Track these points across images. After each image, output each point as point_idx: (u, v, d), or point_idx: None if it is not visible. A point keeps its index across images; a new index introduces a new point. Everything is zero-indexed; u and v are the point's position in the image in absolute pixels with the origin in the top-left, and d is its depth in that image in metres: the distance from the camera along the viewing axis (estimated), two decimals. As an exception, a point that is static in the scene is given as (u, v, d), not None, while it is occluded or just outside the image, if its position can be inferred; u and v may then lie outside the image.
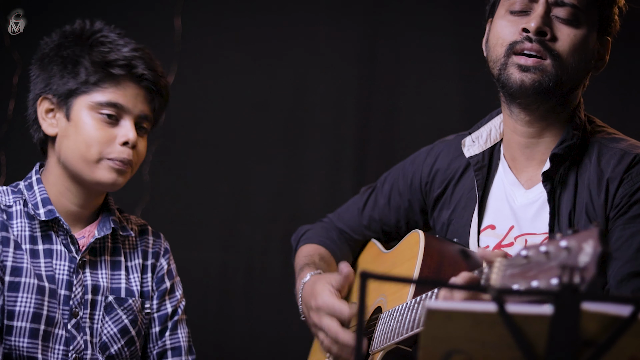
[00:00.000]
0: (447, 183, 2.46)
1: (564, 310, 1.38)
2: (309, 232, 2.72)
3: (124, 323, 2.40)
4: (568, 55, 2.20)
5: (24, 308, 2.30)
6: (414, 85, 3.93)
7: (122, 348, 2.40)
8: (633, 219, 2.15)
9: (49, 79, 2.38)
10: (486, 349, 1.43)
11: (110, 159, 2.35)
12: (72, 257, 2.37)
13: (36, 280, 2.31)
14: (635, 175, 2.17)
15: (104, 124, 2.35)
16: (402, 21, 3.91)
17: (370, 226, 2.63)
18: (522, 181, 2.31)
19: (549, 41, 2.19)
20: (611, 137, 2.27)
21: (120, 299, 2.41)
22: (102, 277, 2.40)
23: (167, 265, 2.51)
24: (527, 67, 2.19)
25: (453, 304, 1.42)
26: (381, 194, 2.61)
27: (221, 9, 3.94)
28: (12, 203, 2.38)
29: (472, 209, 2.36)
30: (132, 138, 2.35)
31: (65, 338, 2.34)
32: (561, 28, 2.20)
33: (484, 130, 2.41)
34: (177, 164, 3.93)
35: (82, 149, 2.35)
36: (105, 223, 2.42)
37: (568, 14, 2.20)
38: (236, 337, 3.90)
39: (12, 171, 3.69)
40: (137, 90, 2.39)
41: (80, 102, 2.36)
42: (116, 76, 2.35)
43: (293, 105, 3.95)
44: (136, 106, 2.38)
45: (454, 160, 2.44)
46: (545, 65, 2.19)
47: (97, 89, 2.35)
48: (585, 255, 1.47)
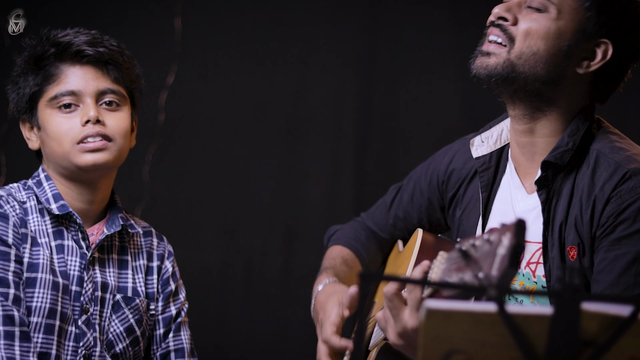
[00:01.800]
0: (460, 183, 2.43)
1: (564, 310, 1.38)
2: (338, 232, 2.69)
3: (130, 322, 2.41)
4: (524, 38, 2.16)
5: (41, 304, 2.30)
6: (414, 85, 3.93)
7: (127, 347, 2.40)
8: (618, 241, 2.08)
9: (16, 104, 2.43)
10: (486, 349, 1.43)
11: (79, 142, 2.34)
12: (83, 253, 2.38)
13: (51, 276, 2.32)
14: (624, 193, 2.09)
15: (65, 116, 2.36)
16: (402, 21, 3.91)
17: (396, 225, 2.60)
18: (525, 185, 2.27)
19: (509, 25, 2.17)
20: (613, 145, 2.18)
21: (128, 298, 2.42)
22: (110, 275, 2.41)
23: (171, 268, 2.52)
24: (483, 51, 2.19)
25: (453, 304, 1.42)
26: (406, 192, 2.59)
27: (221, 9, 3.94)
28: (25, 199, 2.39)
29: (478, 211, 2.34)
30: (91, 115, 2.34)
31: (75, 334, 2.34)
32: (527, 13, 2.17)
33: (495, 130, 2.36)
34: (177, 164, 3.93)
35: (56, 147, 2.36)
36: (114, 220, 2.43)
37: (538, 2, 2.17)
38: (236, 338, 3.90)
39: (12, 171, 3.69)
40: (82, 70, 2.38)
41: (40, 107, 2.39)
42: (54, 67, 2.37)
43: (293, 105, 3.95)
44: (88, 84, 2.37)
45: (469, 159, 2.40)
46: (501, 50, 2.17)
47: (46, 87, 2.37)
48: (503, 247, 1.52)
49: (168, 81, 3.85)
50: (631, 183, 2.10)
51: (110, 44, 2.41)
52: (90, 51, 2.37)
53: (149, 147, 3.79)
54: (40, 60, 2.38)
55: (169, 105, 3.86)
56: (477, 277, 1.55)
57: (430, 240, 2.34)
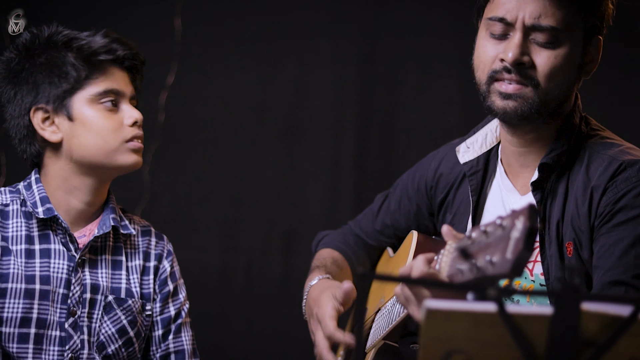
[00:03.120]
0: (449, 188, 2.45)
1: (564, 310, 1.38)
2: (326, 237, 2.73)
3: (122, 323, 2.40)
4: (549, 80, 2.15)
5: (11, 314, 2.30)
6: (414, 85, 3.93)
7: (120, 348, 2.40)
8: (616, 227, 2.10)
9: (35, 90, 2.38)
10: (486, 349, 1.43)
11: (128, 141, 2.39)
12: (71, 256, 2.37)
13: (24, 285, 2.32)
14: (620, 182, 2.12)
15: (108, 112, 2.38)
16: (402, 21, 3.91)
17: (383, 231, 2.63)
18: (517, 187, 2.29)
19: (527, 69, 2.15)
20: (604, 142, 2.22)
21: (120, 299, 2.41)
22: (102, 276, 2.40)
23: (170, 268, 2.51)
24: (508, 94, 2.16)
25: (453, 304, 1.42)
26: (393, 199, 2.61)
27: (221, 9, 3.94)
28: (9, 202, 2.39)
29: (468, 215, 2.35)
30: (137, 117, 2.40)
31: (60, 338, 2.34)
32: (540, 52, 2.15)
33: (479, 135, 2.39)
34: (177, 164, 3.93)
35: (98, 142, 2.37)
36: (106, 221, 2.43)
37: (547, 37, 2.14)
38: (236, 337, 3.90)
39: (12, 171, 3.69)
40: (122, 73, 2.43)
41: (78, 99, 2.37)
42: (103, 65, 2.39)
43: (293, 105, 3.95)
44: (127, 87, 2.42)
45: (457, 164, 2.43)
46: (527, 92, 2.15)
47: (89, 82, 2.37)
48: (516, 231, 1.52)
49: (168, 81, 3.85)
50: (626, 173, 2.13)
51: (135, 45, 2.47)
52: (133, 59, 2.44)
53: (149, 147, 3.78)
54: (92, 55, 2.38)
55: (169, 105, 3.86)
56: (490, 261, 1.55)
57: (426, 241, 2.36)
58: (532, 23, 2.14)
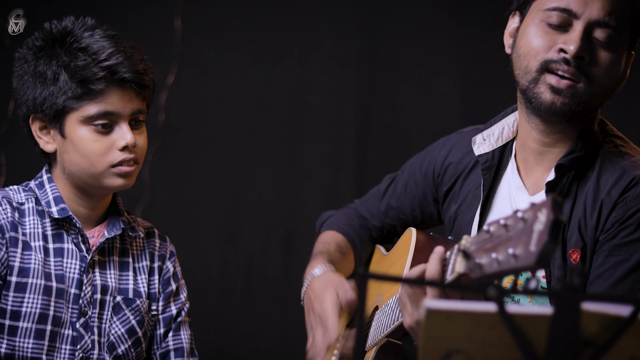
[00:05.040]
0: (457, 177, 2.43)
1: (564, 310, 1.38)
2: (331, 217, 2.69)
3: (131, 324, 2.41)
4: (603, 80, 2.13)
5: (30, 309, 2.30)
6: (414, 85, 3.93)
7: (129, 348, 2.40)
8: (619, 247, 2.09)
9: (33, 98, 2.34)
10: (486, 348, 1.43)
11: (114, 165, 2.33)
12: (83, 256, 2.38)
13: (43, 281, 2.32)
14: (630, 200, 2.10)
15: (99, 135, 2.32)
16: (402, 21, 3.91)
17: (387, 213, 2.60)
18: (527, 185, 2.26)
19: (586, 64, 2.12)
20: (618, 150, 2.19)
21: (128, 299, 2.42)
22: (110, 278, 2.41)
23: (172, 268, 2.52)
24: (559, 89, 2.12)
25: (453, 304, 1.42)
26: (400, 182, 2.59)
27: (221, 9, 3.94)
28: (24, 200, 2.38)
29: (475, 208, 2.33)
30: (129, 141, 2.32)
31: (73, 337, 2.34)
32: (600, 51, 2.13)
33: (496, 127, 2.35)
34: (177, 164, 3.93)
35: (85, 163, 2.33)
36: (115, 223, 2.43)
37: (607, 37, 2.12)
38: (236, 337, 3.91)
39: (12, 171, 3.69)
40: (123, 92, 2.33)
41: (71, 118, 2.32)
42: (98, 85, 2.30)
43: (293, 105, 3.95)
44: (126, 107, 2.33)
45: (467, 154, 2.40)
46: (578, 88, 2.12)
47: (83, 102, 2.30)
48: (540, 223, 1.49)
49: (168, 81, 3.85)
50: (637, 190, 2.11)
51: (150, 68, 2.38)
52: (136, 79, 2.33)
53: (149, 147, 3.78)
54: (86, 82, 2.29)
55: (169, 105, 3.86)
56: (513, 255, 1.53)
57: (425, 239, 2.34)
58: (599, 19, 2.12)
